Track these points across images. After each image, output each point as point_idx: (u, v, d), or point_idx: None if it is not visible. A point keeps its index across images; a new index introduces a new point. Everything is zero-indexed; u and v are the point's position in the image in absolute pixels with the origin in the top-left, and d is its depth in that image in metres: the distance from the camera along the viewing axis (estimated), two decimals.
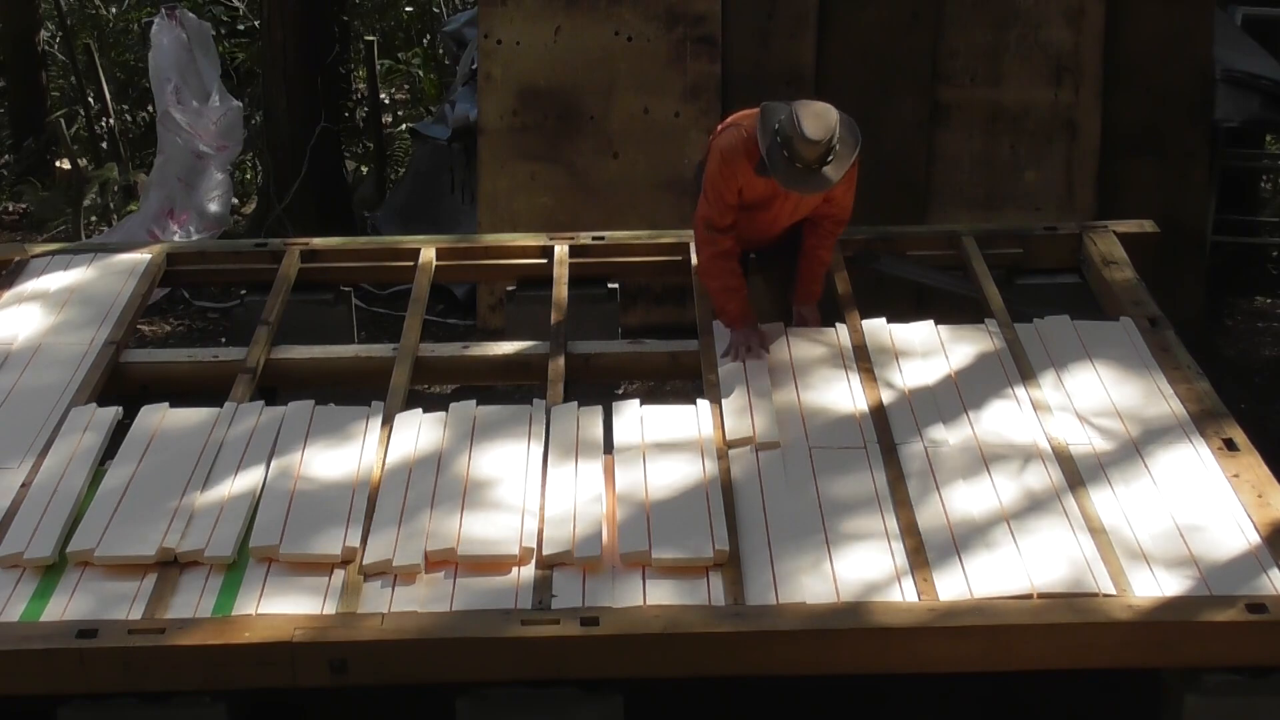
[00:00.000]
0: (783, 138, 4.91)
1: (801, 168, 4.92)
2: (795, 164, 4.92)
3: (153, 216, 8.75)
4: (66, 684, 3.96)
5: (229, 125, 8.95)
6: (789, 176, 4.96)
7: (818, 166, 4.92)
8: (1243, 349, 7.87)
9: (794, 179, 4.97)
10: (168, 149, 8.83)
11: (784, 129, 4.91)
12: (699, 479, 4.57)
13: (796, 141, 4.87)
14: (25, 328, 5.59)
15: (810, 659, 4.00)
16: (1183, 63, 7.60)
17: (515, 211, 7.71)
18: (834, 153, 4.93)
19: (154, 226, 8.64)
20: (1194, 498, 4.47)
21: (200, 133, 8.78)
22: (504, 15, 7.70)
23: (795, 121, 4.88)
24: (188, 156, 8.80)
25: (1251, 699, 4.01)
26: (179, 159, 8.81)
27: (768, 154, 4.96)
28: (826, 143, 4.88)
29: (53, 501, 4.51)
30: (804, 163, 4.91)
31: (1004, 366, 5.17)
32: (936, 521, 4.36)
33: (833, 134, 4.90)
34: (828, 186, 5.00)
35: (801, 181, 4.97)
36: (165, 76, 8.77)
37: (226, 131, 8.95)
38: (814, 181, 4.97)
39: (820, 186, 5.00)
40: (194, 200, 8.85)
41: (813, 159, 4.90)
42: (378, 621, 4.00)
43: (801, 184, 4.99)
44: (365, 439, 4.80)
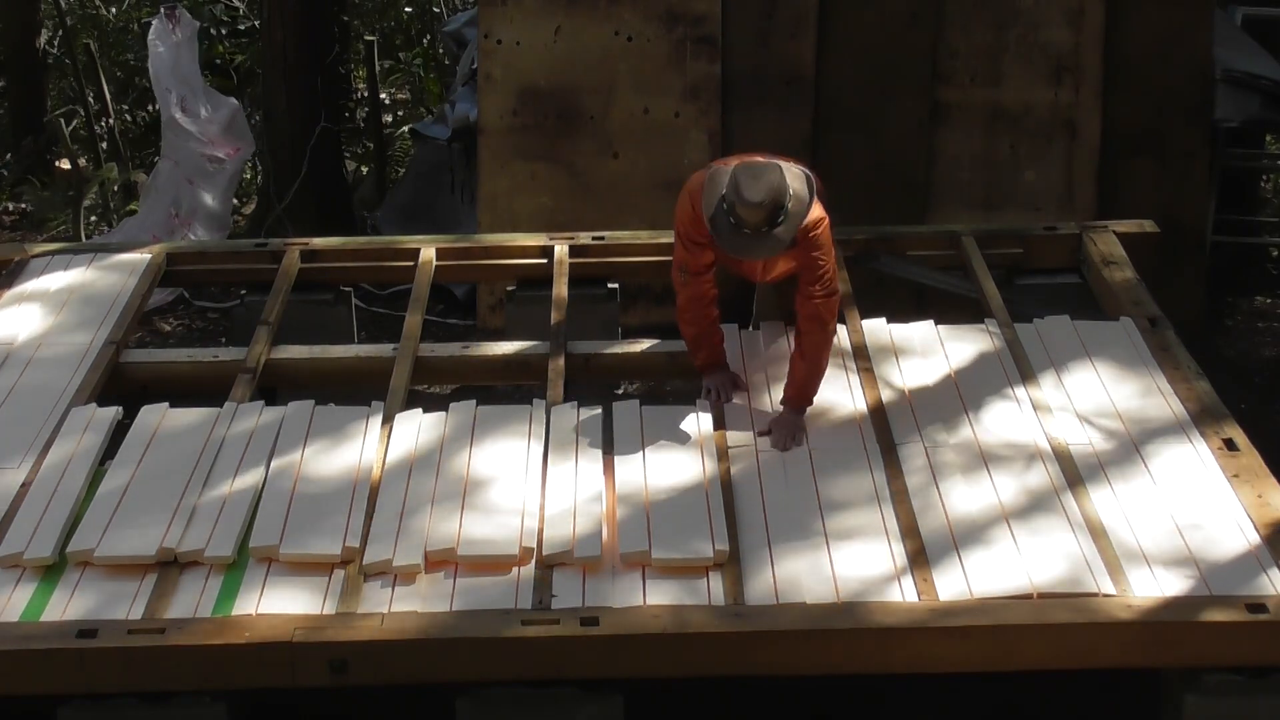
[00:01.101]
0: (727, 204, 4.70)
1: (749, 233, 4.68)
2: (743, 230, 4.68)
3: (158, 222, 8.73)
4: (66, 684, 3.96)
5: (236, 127, 8.94)
6: (734, 244, 4.73)
7: (766, 229, 4.67)
8: (1243, 349, 7.87)
9: (740, 245, 4.73)
10: (176, 154, 8.81)
11: (728, 194, 4.70)
12: (699, 479, 4.57)
13: (739, 206, 4.65)
14: (25, 328, 5.59)
15: (810, 659, 4.00)
16: (1183, 63, 7.60)
17: (515, 211, 7.71)
18: (783, 211, 4.67)
19: (157, 232, 8.63)
20: (1194, 498, 4.47)
21: (210, 138, 8.77)
22: (504, 15, 7.70)
23: (736, 186, 4.66)
24: (198, 160, 8.79)
25: (1251, 699, 4.01)
26: (189, 163, 8.79)
27: (712, 222, 4.73)
28: (771, 204, 4.63)
29: (53, 501, 4.51)
30: (750, 227, 4.66)
31: (1004, 366, 5.18)
32: (936, 521, 4.36)
33: (776, 194, 4.64)
34: (780, 249, 4.75)
35: (749, 247, 4.73)
36: (166, 86, 8.76)
37: (236, 133, 8.93)
38: (761, 246, 4.72)
39: (768, 251, 4.76)
40: (202, 203, 8.83)
41: (759, 222, 4.65)
42: (378, 621, 4.00)
43: (749, 250, 4.76)
44: (365, 439, 4.80)
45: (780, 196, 4.67)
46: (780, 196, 4.67)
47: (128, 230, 8.88)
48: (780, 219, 4.68)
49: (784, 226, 4.69)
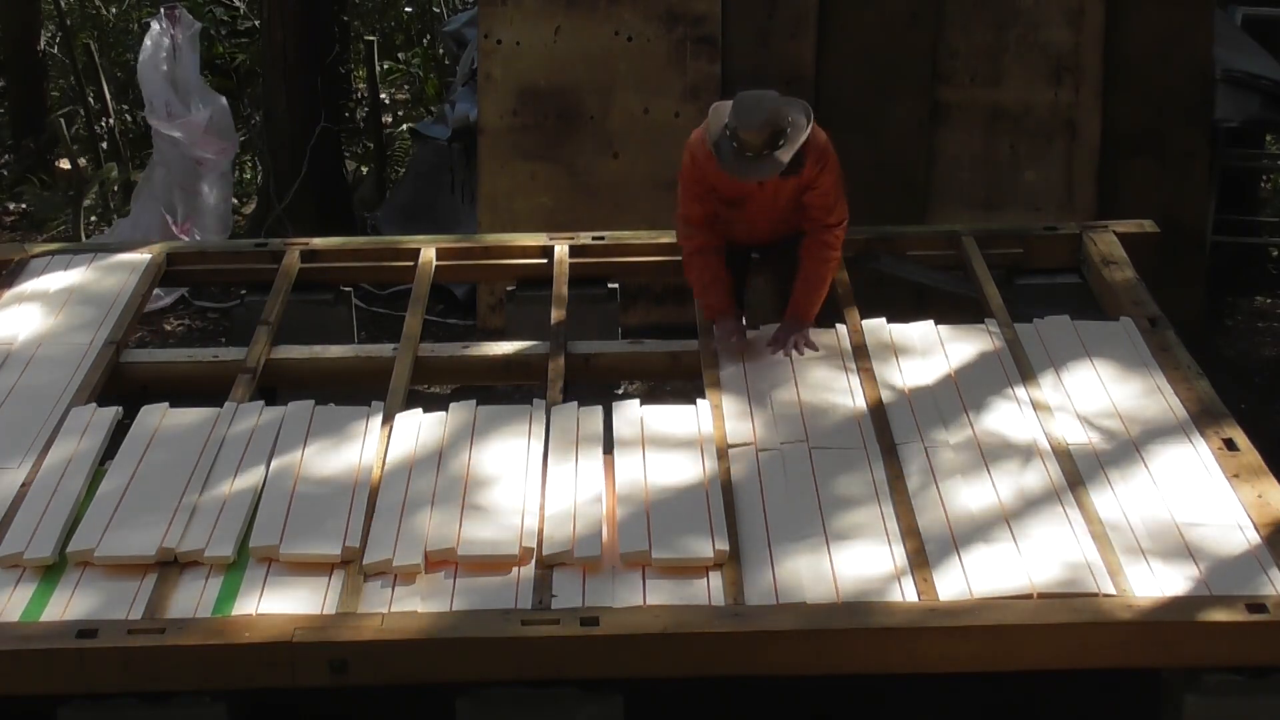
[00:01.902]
0: (730, 129, 4.96)
1: (752, 156, 4.93)
2: (745, 153, 4.93)
3: (152, 224, 8.72)
4: (66, 684, 3.96)
5: (221, 126, 8.92)
6: (737, 165, 4.98)
7: (768, 151, 4.93)
8: (1243, 349, 7.87)
9: (742, 167, 4.98)
10: (165, 159, 8.81)
11: (729, 120, 4.97)
12: (699, 479, 4.57)
13: (740, 130, 4.91)
14: (25, 327, 5.59)
15: (810, 659, 4.00)
16: (1183, 63, 7.60)
17: (515, 211, 7.71)
18: (784, 135, 4.94)
19: (154, 235, 8.62)
20: (1194, 497, 4.47)
21: (195, 141, 8.75)
22: (504, 15, 7.70)
23: (737, 111, 4.94)
24: (187, 164, 8.78)
25: (1251, 699, 4.01)
26: (178, 167, 8.79)
27: (717, 147, 5.00)
28: (769, 125, 4.90)
29: (53, 501, 4.51)
30: (752, 150, 4.92)
31: (1004, 366, 5.17)
32: (936, 521, 4.36)
33: (775, 116, 4.92)
34: (778, 169, 4.98)
35: (751, 168, 4.98)
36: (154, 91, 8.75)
37: (221, 132, 8.91)
38: (764, 167, 4.96)
39: (770, 170, 4.98)
40: (198, 205, 8.83)
41: (759, 145, 4.91)
42: (378, 621, 4.00)
43: (751, 171, 4.99)
44: (365, 439, 4.80)
45: (779, 119, 4.95)
46: (779, 119, 4.95)
47: (121, 231, 8.87)
48: (781, 141, 4.95)
49: (784, 148, 4.96)
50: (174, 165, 8.81)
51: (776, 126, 4.93)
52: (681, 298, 7.34)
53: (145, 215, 8.85)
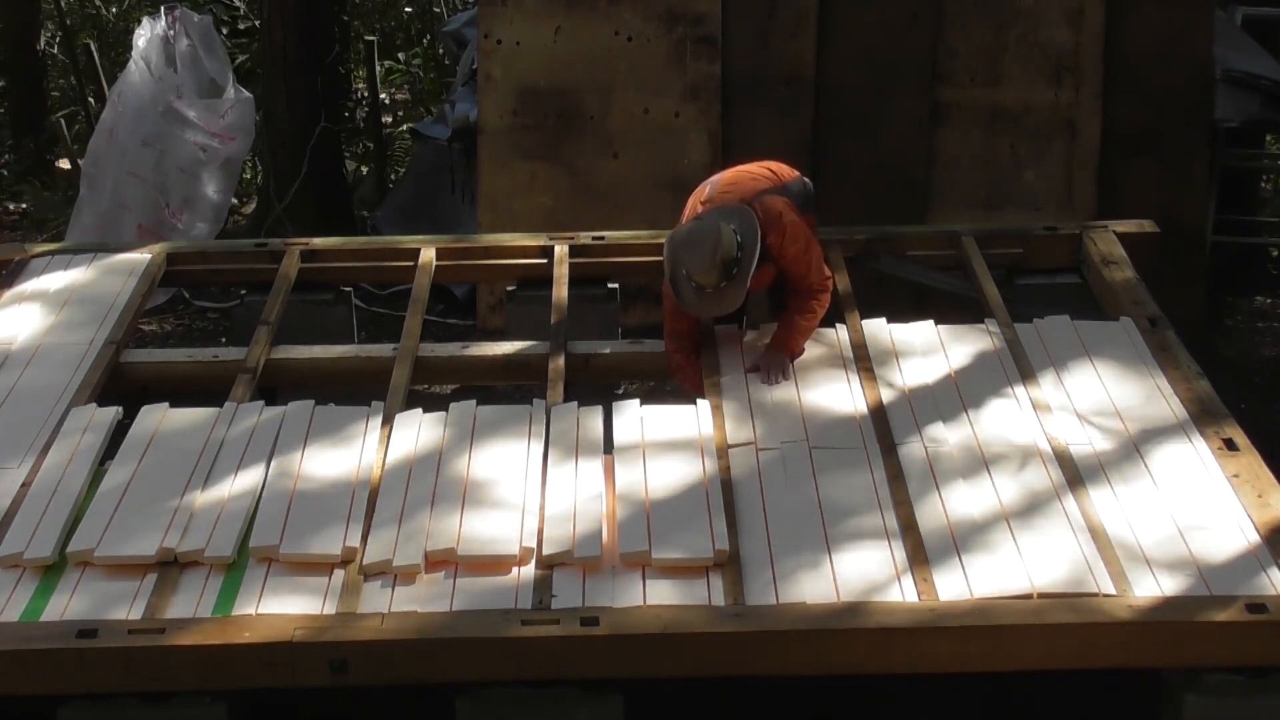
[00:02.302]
0: (686, 273, 5.00)
1: (711, 290, 4.98)
2: (705, 290, 4.98)
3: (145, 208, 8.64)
4: (66, 684, 3.95)
5: (243, 119, 8.87)
6: (700, 304, 5.05)
7: (725, 283, 4.96)
8: (1243, 349, 7.88)
9: (703, 305, 5.05)
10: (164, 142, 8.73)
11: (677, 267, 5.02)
12: (699, 479, 4.57)
13: (694, 276, 4.96)
14: (25, 327, 5.59)
15: (810, 659, 4.00)
16: (1183, 63, 7.60)
17: (515, 211, 7.71)
18: (736, 263, 4.96)
19: (144, 220, 8.57)
20: (1194, 498, 4.47)
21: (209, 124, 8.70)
22: (504, 15, 7.70)
23: (683, 254, 4.98)
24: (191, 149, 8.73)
25: (1251, 699, 4.01)
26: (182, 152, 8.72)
27: (675, 289, 5.05)
28: (718, 261, 4.92)
29: (53, 501, 4.51)
30: (710, 285, 4.97)
31: (1004, 366, 5.17)
32: (936, 521, 4.36)
33: (721, 248, 4.91)
34: (739, 298, 5.03)
35: (711, 304, 5.05)
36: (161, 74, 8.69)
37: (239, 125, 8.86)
38: (725, 300, 5.02)
39: (732, 303, 5.04)
40: (197, 193, 8.76)
41: (715, 280, 4.95)
42: (378, 621, 4.00)
43: (712, 307, 5.08)
44: (365, 439, 4.80)
45: (727, 250, 4.96)
46: (727, 250, 4.96)
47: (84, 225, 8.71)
48: (735, 270, 4.98)
49: (739, 275, 4.99)
50: (174, 149, 8.73)
51: (726, 257, 4.94)
52: None
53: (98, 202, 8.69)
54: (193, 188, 8.74)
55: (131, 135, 8.65)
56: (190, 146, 8.72)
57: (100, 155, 8.80)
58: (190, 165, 8.73)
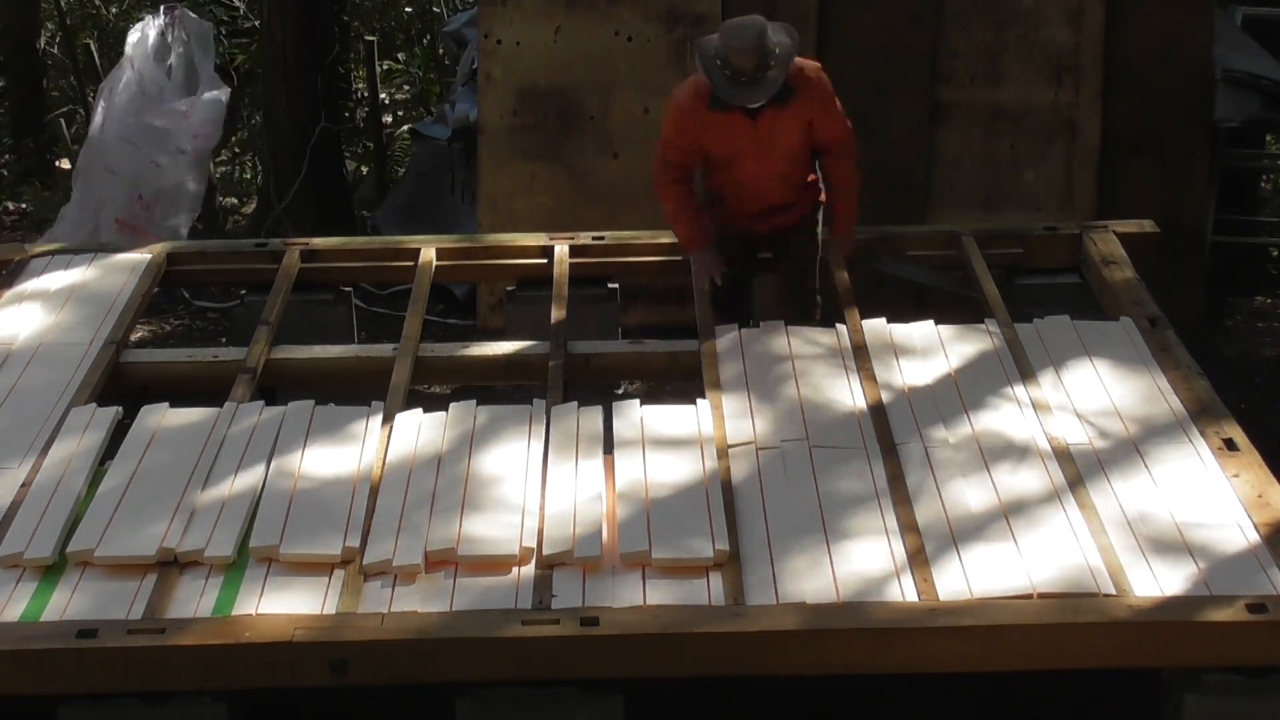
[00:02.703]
0: (720, 58, 4.98)
1: (745, 80, 4.95)
2: (739, 79, 4.96)
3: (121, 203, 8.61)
4: (66, 684, 3.95)
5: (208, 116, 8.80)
6: (733, 91, 5.01)
7: (759, 74, 4.94)
8: (1243, 349, 7.87)
9: (738, 92, 5.01)
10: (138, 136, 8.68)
11: (718, 48, 5.02)
12: (699, 479, 4.57)
13: (730, 55, 4.93)
14: (25, 327, 5.59)
15: (810, 659, 4.00)
16: (1183, 63, 7.60)
17: (515, 211, 7.71)
18: (772, 55, 4.98)
19: (120, 214, 8.54)
20: (1194, 497, 4.47)
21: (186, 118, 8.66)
22: (504, 15, 7.70)
23: (724, 37, 4.99)
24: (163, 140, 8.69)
25: (1251, 699, 4.01)
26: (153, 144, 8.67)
27: (709, 75, 5.02)
28: (757, 46, 4.93)
29: (53, 501, 4.51)
30: (744, 73, 4.94)
31: (1004, 366, 5.17)
32: (936, 521, 4.36)
33: (761, 37, 4.95)
34: (774, 88, 5.02)
35: (744, 93, 5.01)
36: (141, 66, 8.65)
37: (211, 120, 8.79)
38: (758, 89, 5.00)
39: (766, 91, 5.02)
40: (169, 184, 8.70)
41: (749, 67, 4.93)
42: (378, 621, 4.00)
43: (745, 95, 5.03)
44: (365, 439, 4.80)
45: (765, 40, 4.99)
46: (765, 40, 4.99)
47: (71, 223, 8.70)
48: (771, 62, 5.00)
49: (775, 69, 5.01)
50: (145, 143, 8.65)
51: (764, 48, 4.96)
52: (682, 298, 7.34)
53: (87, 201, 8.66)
54: (166, 180, 8.68)
55: (114, 133, 8.65)
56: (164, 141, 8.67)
57: (89, 152, 8.80)
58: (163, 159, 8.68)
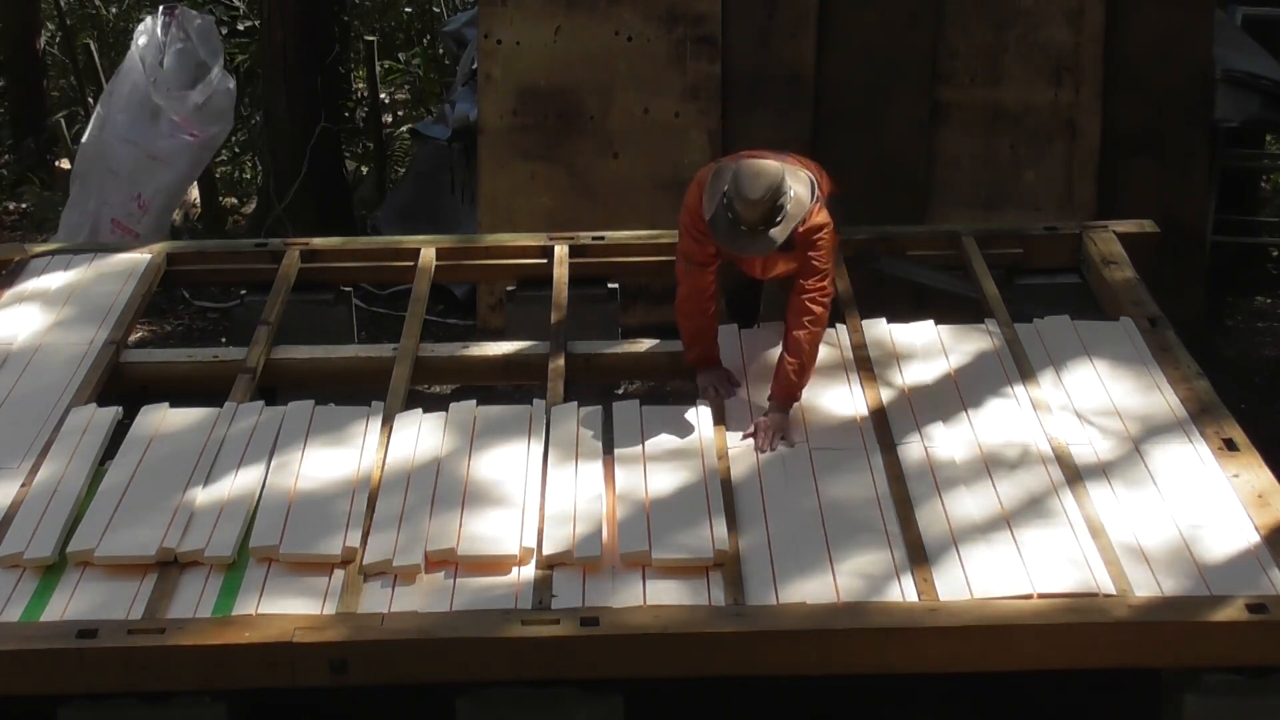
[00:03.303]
0: (727, 199, 4.75)
1: (746, 230, 4.73)
2: (740, 226, 4.73)
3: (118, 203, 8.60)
4: (66, 684, 3.96)
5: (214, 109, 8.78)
6: (731, 239, 4.78)
7: (763, 229, 4.72)
8: (1243, 349, 7.87)
9: (736, 241, 4.78)
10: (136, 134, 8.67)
11: (729, 190, 4.75)
12: (699, 479, 4.57)
13: (737, 203, 4.70)
14: (25, 327, 5.59)
15: (810, 659, 4.00)
16: (1183, 63, 7.59)
17: (515, 211, 7.70)
18: (782, 212, 4.73)
19: (118, 215, 8.53)
20: (1194, 497, 4.47)
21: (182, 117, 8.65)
22: (504, 15, 7.70)
23: (737, 183, 4.71)
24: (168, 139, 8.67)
25: (1251, 699, 4.02)
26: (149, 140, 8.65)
27: (712, 219, 4.80)
28: (768, 203, 4.68)
29: (53, 501, 4.51)
30: (747, 225, 4.72)
31: (1004, 366, 5.18)
32: (936, 521, 4.36)
33: (776, 194, 4.70)
34: (771, 248, 4.79)
35: (745, 244, 4.78)
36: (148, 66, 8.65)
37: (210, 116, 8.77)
38: (757, 244, 4.77)
39: (763, 248, 4.79)
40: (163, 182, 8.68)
41: (755, 220, 4.70)
42: (378, 621, 4.00)
43: (745, 247, 4.81)
44: (365, 439, 4.80)
45: (779, 196, 4.72)
46: (779, 196, 4.72)
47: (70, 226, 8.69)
48: (778, 219, 4.73)
49: (780, 227, 4.74)
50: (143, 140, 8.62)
51: (775, 203, 4.71)
52: None
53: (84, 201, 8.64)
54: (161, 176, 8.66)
55: (114, 133, 8.64)
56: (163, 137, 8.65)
57: (88, 154, 8.78)
58: (161, 154, 8.65)
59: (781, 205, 4.73)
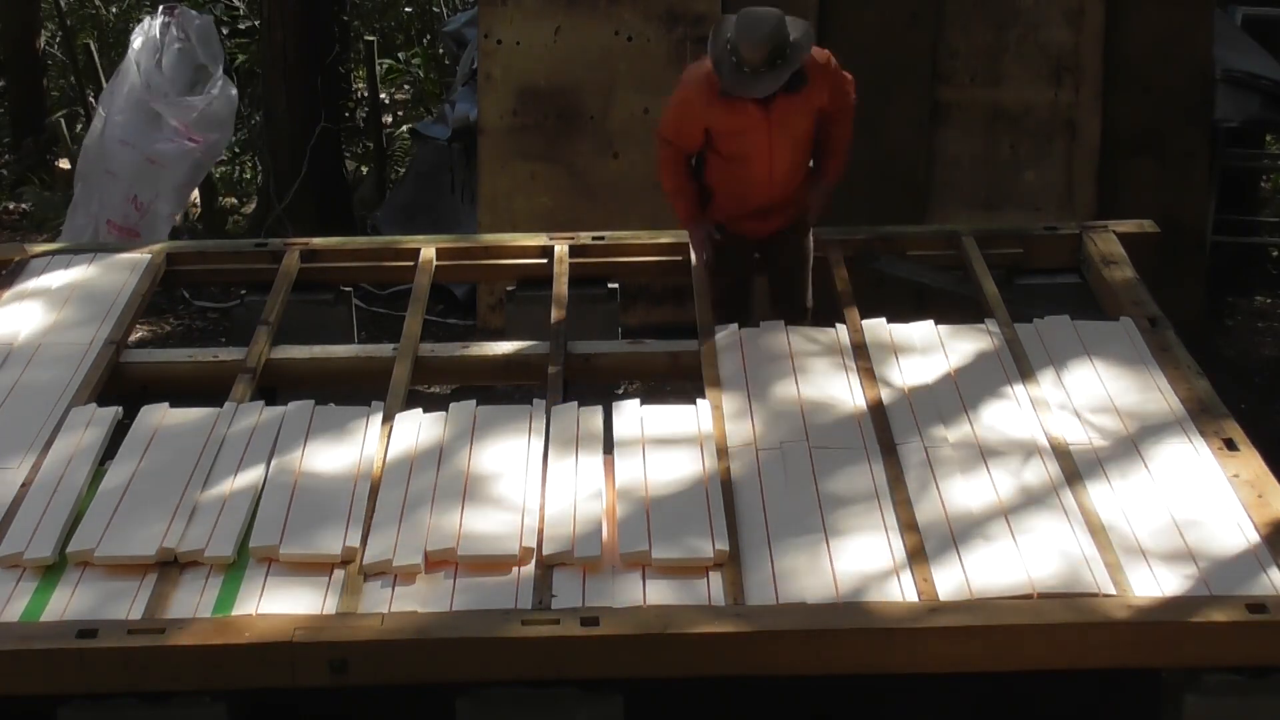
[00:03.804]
0: (731, 44, 4.93)
1: (749, 72, 4.90)
2: (743, 69, 4.91)
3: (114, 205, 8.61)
4: (66, 684, 3.95)
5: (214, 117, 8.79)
6: (736, 81, 4.96)
7: (765, 69, 4.90)
8: (1243, 349, 7.87)
9: (741, 83, 4.96)
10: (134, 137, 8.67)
11: (732, 36, 4.96)
12: (699, 479, 4.57)
13: (741, 46, 4.88)
14: (25, 327, 5.59)
15: (810, 659, 4.00)
16: (1183, 63, 7.60)
17: (515, 211, 7.71)
18: (783, 54, 4.93)
19: (113, 217, 8.54)
20: (1194, 497, 4.47)
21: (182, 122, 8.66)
22: (504, 15, 7.70)
23: (739, 27, 4.93)
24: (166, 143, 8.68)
25: (1251, 699, 4.01)
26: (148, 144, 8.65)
27: (716, 63, 4.97)
28: (768, 41, 4.87)
29: (53, 501, 4.51)
30: (750, 66, 4.89)
31: (1004, 366, 5.18)
32: (936, 521, 4.36)
33: (776, 33, 4.90)
34: (776, 85, 4.98)
35: (749, 85, 4.96)
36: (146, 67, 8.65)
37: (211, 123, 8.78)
38: (762, 83, 4.95)
39: (768, 86, 4.97)
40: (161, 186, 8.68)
41: (758, 61, 4.88)
42: (378, 621, 4.00)
43: (749, 87, 4.98)
44: (365, 439, 4.80)
45: (780, 37, 4.94)
46: (780, 37, 4.94)
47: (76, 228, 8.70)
48: (779, 60, 4.95)
49: (783, 67, 4.97)
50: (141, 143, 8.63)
51: (776, 43, 4.91)
52: (681, 298, 7.34)
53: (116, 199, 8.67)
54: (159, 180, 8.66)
55: (112, 135, 8.64)
56: (163, 141, 8.66)
57: (89, 155, 8.78)
58: (159, 158, 8.66)
59: (783, 44, 4.93)
